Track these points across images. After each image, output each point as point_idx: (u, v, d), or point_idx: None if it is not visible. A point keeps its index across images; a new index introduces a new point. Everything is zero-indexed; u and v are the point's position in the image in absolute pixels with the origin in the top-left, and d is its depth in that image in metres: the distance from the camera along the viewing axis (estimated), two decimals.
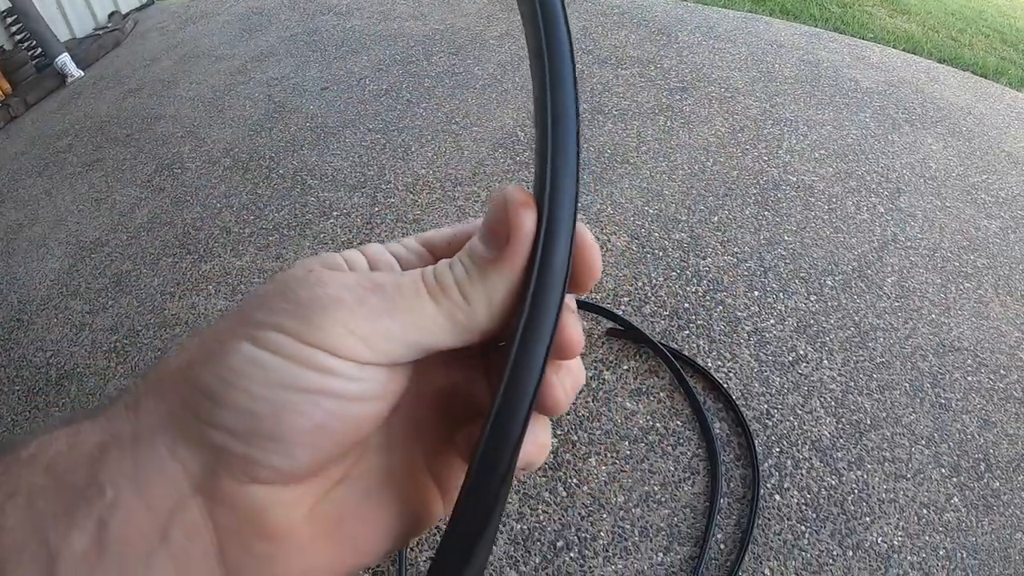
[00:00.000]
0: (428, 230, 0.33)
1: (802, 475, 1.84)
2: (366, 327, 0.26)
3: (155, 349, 2.31)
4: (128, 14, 5.47)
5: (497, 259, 0.27)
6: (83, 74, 4.46)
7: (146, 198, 3.06)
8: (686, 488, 1.80)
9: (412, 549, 1.70)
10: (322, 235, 2.68)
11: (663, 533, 1.71)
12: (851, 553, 1.69)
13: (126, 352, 2.32)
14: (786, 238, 2.60)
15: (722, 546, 1.70)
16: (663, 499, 1.78)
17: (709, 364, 2.11)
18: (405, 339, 0.26)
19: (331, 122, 3.43)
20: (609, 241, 2.57)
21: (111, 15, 5.37)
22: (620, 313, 2.25)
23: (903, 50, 4.45)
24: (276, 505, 0.26)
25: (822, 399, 2.03)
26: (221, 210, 2.89)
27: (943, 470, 1.89)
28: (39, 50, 4.46)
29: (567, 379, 0.30)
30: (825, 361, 2.14)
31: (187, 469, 0.25)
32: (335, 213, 2.79)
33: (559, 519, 1.74)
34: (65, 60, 4.37)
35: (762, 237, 2.60)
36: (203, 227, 2.82)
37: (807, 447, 1.90)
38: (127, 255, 2.74)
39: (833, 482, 1.83)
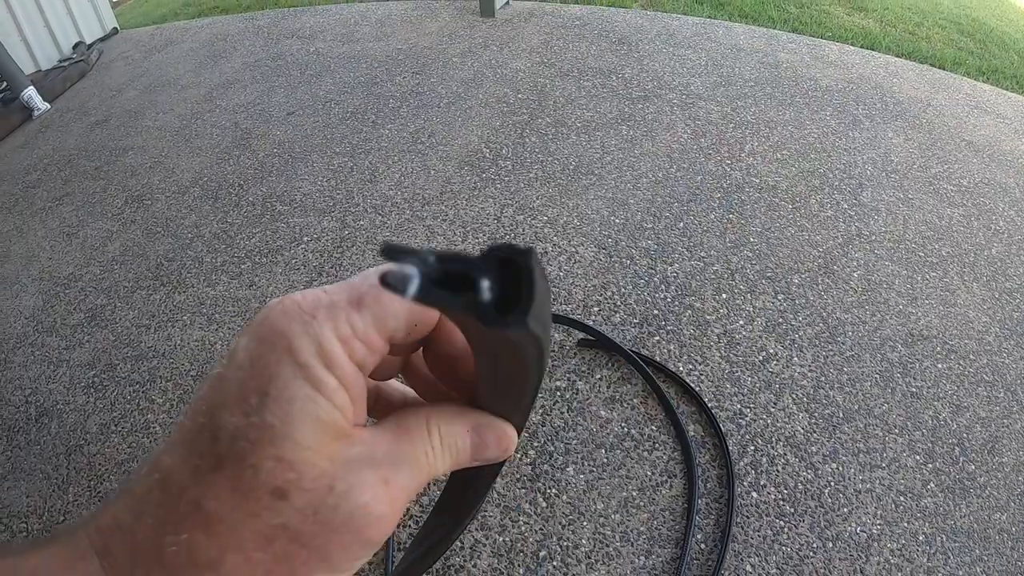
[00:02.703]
0: (383, 312, 0.30)
1: (778, 471, 1.86)
2: (387, 532, 0.30)
3: (133, 383, 2.30)
4: (93, 44, 5.44)
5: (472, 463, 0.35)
6: (49, 107, 4.43)
7: (117, 231, 3.05)
8: (664, 491, 1.82)
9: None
10: (293, 261, 2.68)
11: (644, 537, 1.73)
12: (831, 544, 1.71)
13: (104, 387, 2.31)
14: (752, 240, 2.63)
15: (702, 546, 1.71)
16: (642, 503, 1.79)
17: (680, 368, 2.13)
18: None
19: (298, 147, 3.44)
20: (577, 252, 2.59)
21: (76, 46, 5.34)
22: (591, 323, 2.28)
23: (861, 47, 4.53)
24: None
25: (794, 395, 2.06)
26: (192, 240, 2.89)
27: (918, 457, 1.92)
28: (4, 84, 4.42)
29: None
30: (795, 358, 2.17)
31: None
32: (305, 238, 2.80)
33: (540, 529, 1.75)
34: (31, 94, 4.34)
35: (728, 240, 2.63)
36: (175, 258, 2.81)
37: (781, 443, 1.93)
38: (101, 289, 2.73)
39: (809, 476, 1.86)
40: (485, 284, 0.24)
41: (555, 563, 1.69)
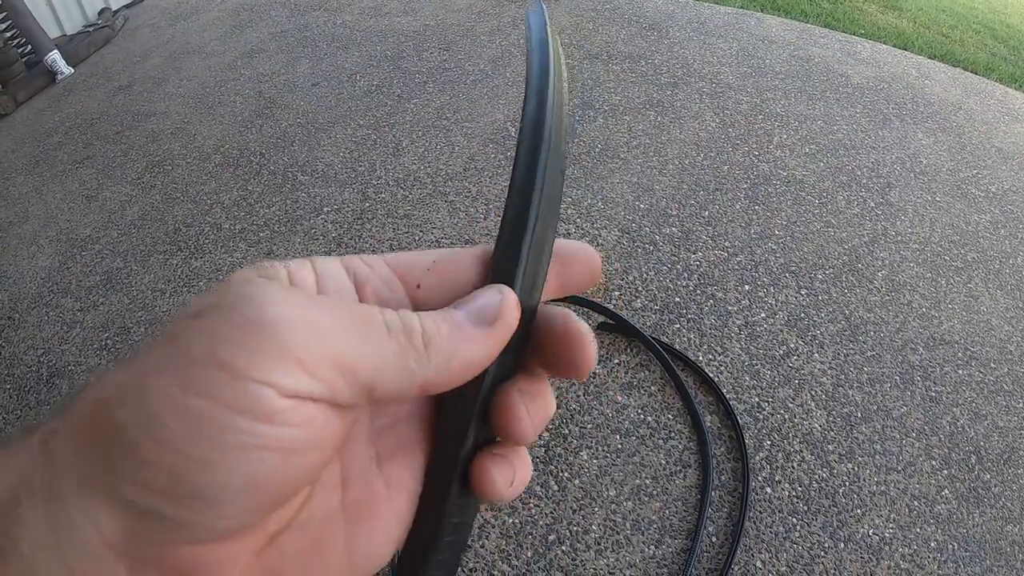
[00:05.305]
0: (402, 251, 0.32)
1: (793, 468, 1.85)
2: (313, 349, 0.23)
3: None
4: (118, 11, 5.43)
5: (475, 334, 0.27)
6: (73, 71, 4.43)
7: (137, 195, 3.05)
8: (677, 481, 1.80)
9: None
10: (313, 231, 2.67)
11: (655, 526, 1.72)
12: (842, 545, 1.70)
13: (117, 350, 2.31)
14: (777, 232, 2.60)
15: (713, 539, 1.70)
16: (654, 492, 1.78)
17: (700, 358, 2.11)
18: (352, 369, 0.24)
19: (321, 118, 3.42)
20: (600, 236, 2.57)
21: (101, 12, 5.33)
22: (611, 307, 2.26)
23: (894, 46, 4.46)
24: (209, 564, 0.23)
25: (813, 392, 2.03)
26: (212, 207, 2.88)
27: (934, 462, 1.90)
28: (29, 47, 4.42)
29: (535, 407, 0.30)
30: (816, 354, 2.15)
31: (106, 535, 0.22)
32: (326, 209, 2.79)
33: (551, 513, 1.74)
34: (55, 57, 4.34)
35: (753, 231, 2.60)
36: (194, 224, 2.81)
37: (798, 440, 1.91)
38: (118, 252, 2.73)
39: (824, 475, 1.84)
40: None
41: (564, 547, 1.67)
